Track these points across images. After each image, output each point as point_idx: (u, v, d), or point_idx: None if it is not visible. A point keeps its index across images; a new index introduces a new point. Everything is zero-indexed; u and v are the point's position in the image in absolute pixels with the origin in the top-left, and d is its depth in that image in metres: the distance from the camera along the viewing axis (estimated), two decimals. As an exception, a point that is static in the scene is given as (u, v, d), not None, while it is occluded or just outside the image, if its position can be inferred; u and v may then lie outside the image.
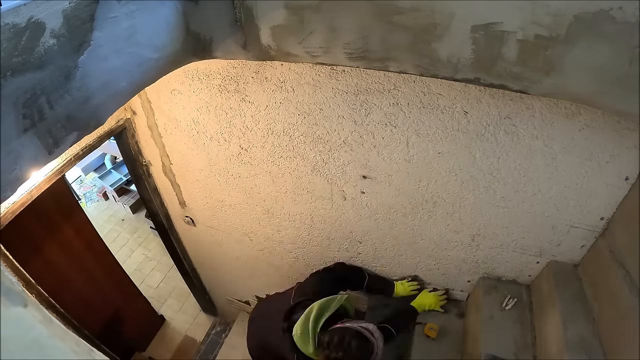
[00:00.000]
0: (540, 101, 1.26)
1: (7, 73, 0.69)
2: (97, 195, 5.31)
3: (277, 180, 1.99)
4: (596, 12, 0.76)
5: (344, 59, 1.07)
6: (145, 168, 2.40)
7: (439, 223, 1.81)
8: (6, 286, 0.55)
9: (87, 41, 0.83)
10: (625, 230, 1.37)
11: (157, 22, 0.99)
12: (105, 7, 0.84)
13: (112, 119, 2.01)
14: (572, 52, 0.83)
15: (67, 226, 2.73)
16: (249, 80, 1.61)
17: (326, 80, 1.48)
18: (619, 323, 1.31)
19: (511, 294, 1.87)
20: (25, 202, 1.65)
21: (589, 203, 1.45)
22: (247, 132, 1.82)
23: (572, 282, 1.62)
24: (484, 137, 1.42)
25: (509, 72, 0.92)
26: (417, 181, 1.67)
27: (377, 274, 2.24)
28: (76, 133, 0.90)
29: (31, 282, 1.79)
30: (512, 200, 1.57)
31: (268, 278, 2.90)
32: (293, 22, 1.02)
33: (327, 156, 1.75)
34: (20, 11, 0.70)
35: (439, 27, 0.90)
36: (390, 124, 1.52)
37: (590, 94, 0.91)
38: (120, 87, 0.97)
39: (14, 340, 0.51)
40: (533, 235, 1.67)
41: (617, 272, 1.35)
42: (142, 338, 3.65)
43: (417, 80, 1.36)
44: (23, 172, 0.79)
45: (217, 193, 2.29)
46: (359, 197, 1.87)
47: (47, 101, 0.78)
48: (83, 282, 2.90)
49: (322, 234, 2.20)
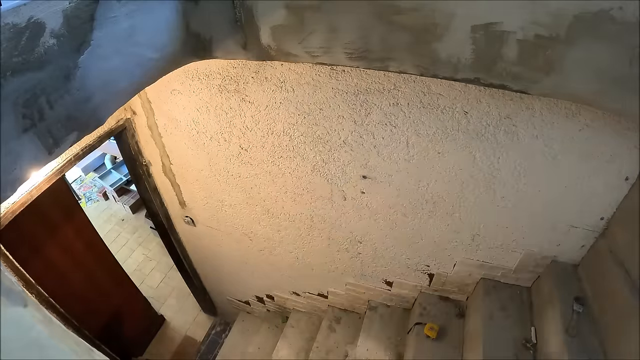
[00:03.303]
0: (540, 101, 1.26)
1: (7, 73, 0.69)
2: (97, 195, 5.31)
3: (277, 180, 1.99)
4: (596, 12, 0.76)
5: (344, 59, 1.07)
6: (145, 168, 2.40)
7: (439, 223, 1.81)
8: (6, 286, 0.55)
9: (87, 41, 0.83)
10: (625, 230, 1.37)
11: (157, 22, 0.99)
12: (105, 7, 0.84)
13: (112, 119, 2.01)
14: (572, 52, 0.83)
15: (67, 226, 2.73)
16: (249, 80, 1.61)
17: (326, 80, 1.48)
18: (619, 323, 1.31)
19: (511, 294, 1.87)
20: (25, 202, 1.65)
21: (589, 203, 1.45)
22: (247, 132, 1.82)
23: (572, 282, 1.62)
24: (484, 137, 1.42)
25: (509, 72, 0.92)
26: (417, 181, 1.67)
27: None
28: (76, 133, 0.90)
29: (31, 282, 1.79)
30: (512, 200, 1.57)
31: (268, 278, 2.90)
32: (293, 22, 1.02)
33: (327, 156, 1.75)
34: (20, 11, 0.70)
35: (439, 27, 0.90)
36: (390, 124, 1.52)
37: (591, 93, 0.91)
38: (120, 87, 0.97)
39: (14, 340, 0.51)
40: (533, 235, 1.67)
41: (617, 272, 1.35)
42: (142, 338, 3.65)
43: (417, 80, 1.36)
44: (23, 172, 0.79)
45: (217, 193, 2.29)
46: (359, 197, 1.87)
47: (47, 101, 0.78)
48: (83, 282, 2.90)
49: (322, 234, 2.20)
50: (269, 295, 3.17)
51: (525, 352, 1.63)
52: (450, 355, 1.93)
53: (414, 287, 2.28)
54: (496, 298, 1.87)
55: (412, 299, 2.37)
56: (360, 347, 2.28)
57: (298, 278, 2.73)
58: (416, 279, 2.21)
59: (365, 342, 2.30)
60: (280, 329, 3.15)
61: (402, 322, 2.39)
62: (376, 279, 2.35)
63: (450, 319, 2.10)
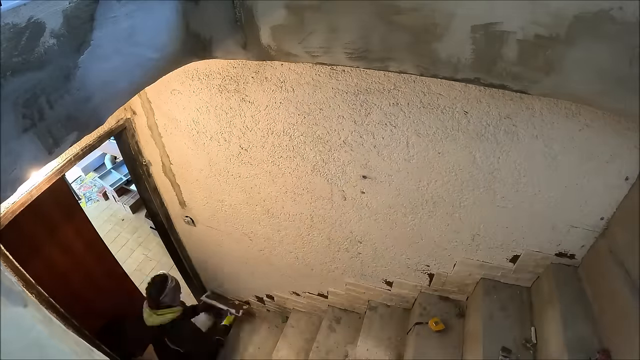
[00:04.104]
0: (540, 101, 1.26)
1: (7, 73, 0.69)
2: (97, 195, 5.30)
3: (277, 180, 1.99)
4: (596, 12, 0.76)
5: (344, 59, 1.07)
6: (145, 168, 2.40)
7: (439, 223, 1.81)
8: (6, 286, 0.55)
9: (87, 41, 0.83)
10: (625, 230, 1.37)
11: (157, 22, 0.99)
12: (105, 7, 0.84)
13: (112, 119, 2.00)
14: (572, 52, 0.83)
15: (67, 226, 2.72)
16: (249, 80, 1.61)
17: (326, 80, 1.48)
18: (619, 323, 1.31)
19: (511, 294, 1.87)
20: (25, 202, 1.65)
21: (589, 203, 1.45)
22: (247, 132, 1.82)
23: (572, 282, 1.62)
24: (484, 137, 1.42)
25: (509, 72, 0.92)
26: (417, 181, 1.67)
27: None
28: (76, 133, 0.90)
29: (31, 282, 1.79)
30: (512, 200, 1.57)
31: (268, 278, 2.90)
32: (293, 22, 1.02)
33: (327, 156, 1.75)
34: (20, 11, 0.70)
35: (439, 27, 0.90)
36: (390, 124, 1.52)
37: (591, 93, 0.91)
38: (120, 87, 0.97)
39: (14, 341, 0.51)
40: (533, 235, 1.67)
41: (617, 272, 1.35)
42: (142, 338, 3.65)
43: (417, 80, 1.36)
44: (23, 172, 0.78)
45: (217, 193, 2.29)
46: (359, 197, 1.87)
47: (47, 101, 0.78)
48: (83, 282, 2.89)
49: (322, 234, 2.20)
50: (269, 295, 3.17)
51: (525, 352, 1.63)
52: (450, 355, 1.93)
53: (414, 287, 2.28)
54: (496, 298, 1.87)
55: (412, 299, 2.37)
56: (360, 347, 2.28)
57: (298, 278, 2.73)
58: (416, 279, 2.21)
59: (365, 342, 2.30)
60: (280, 329, 3.15)
61: (402, 322, 2.39)
62: (376, 279, 2.35)
63: (450, 319, 2.09)
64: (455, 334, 2.01)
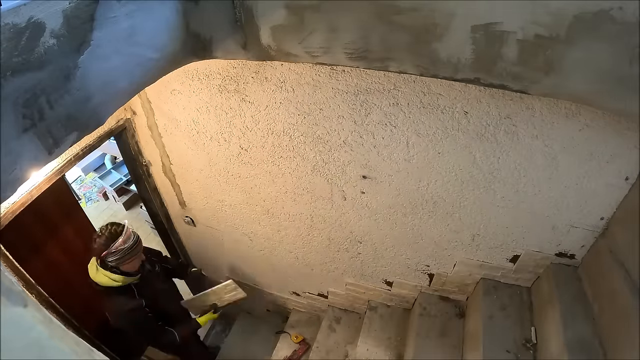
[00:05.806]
0: (540, 101, 1.26)
1: (7, 73, 0.69)
2: (97, 195, 5.30)
3: (277, 180, 1.99)
4: (596, 12, 0.76)
5: (344, 59, 1.07)
6: (145, 168, 2.40)
7: (439, 223, 1.81)
8: (6, 286, 0.55)
9: (87, 41, 0.83)
10: (625, 230, 1.37)
11: (157, 22, 0.99)
12: (105, 7, 0.84)
13: (112, 119, 2.00)
14: (572, 52, 0.83)
15: (67, 226, 2.72)
16: (249, 80, 1.61)
17: (326, 80, 1.48)
18: (619, 323, 1.31)
19: (511, 294, 1.87)
20: (25, 202, 1.65)
21: (589, 203, 1.45)
22: (247, 132, 1.82)
23: (572, 282, 1.62)
24: (484, 137, 1.42)
25: (509, 72, 0.92)
26: (417, 181, 1.67)
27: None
28: (76, 133, 0.89)
29: (31, 282, 1.79)
30: (512, 200, 1.57)
31: (268, 278, 2.90)
32: (293, 22, 1.02)
33: (327, 156, 1.75)
34: (20, 11, 0.70)
35: (439, 27, 0.90)
36: (390, 124, 1.52)
37: (591, 93, 0.91)
38: (120, 87, 0.97)
39: (14, 341, 0.51)
40: (533, 235, 1.67)
41: (617, 272, 1.35)
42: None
43: (417, 80, 1.36)
44: (23, 172, 0.78)
45: (217, 193, 2.29)
46: (359, 197, 1.87)
47: (47, 101, 0.78)
48: (83, 282, 2.88)
49: (322, 234, 2.20)
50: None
51: (525, 352, 1.63)
52: (450, 355, 1.93)
53: (414, 287, 2.28)
54: (496, 298, 1.87)
55: (412, 299, 2.36)
56: (360, 347, 2.28)
57: (298, 278, 2.73)
58: (416, 279, 2.21)
59: (365, 342, 2.30)
60: (281, 329, 3.15)
61: (402, 322, 2.39)
62: (376, 279, 2.35)
63: (450, 319, 2.09)
64: (455, 334, 2.01)
